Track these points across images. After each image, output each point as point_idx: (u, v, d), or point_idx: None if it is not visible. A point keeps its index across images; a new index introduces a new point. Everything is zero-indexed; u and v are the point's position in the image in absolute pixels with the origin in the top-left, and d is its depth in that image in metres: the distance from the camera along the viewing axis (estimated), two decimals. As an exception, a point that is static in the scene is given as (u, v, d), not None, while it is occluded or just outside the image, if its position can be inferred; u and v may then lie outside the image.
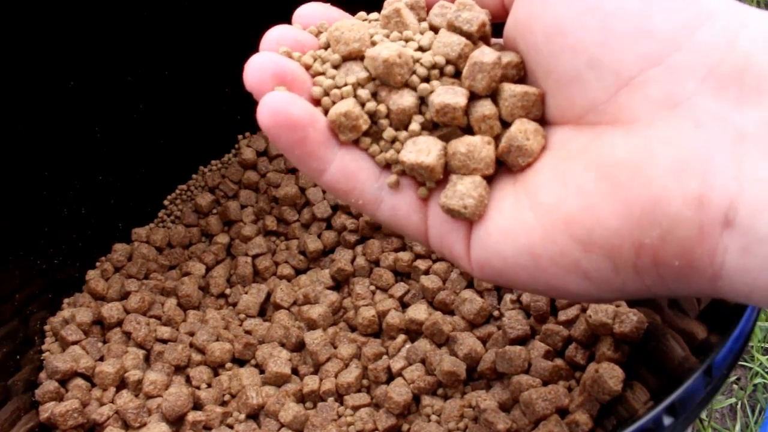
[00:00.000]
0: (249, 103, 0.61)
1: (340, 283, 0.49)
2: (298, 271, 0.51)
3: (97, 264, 0.51)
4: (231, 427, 0.41)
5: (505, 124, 0.24)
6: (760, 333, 0.60)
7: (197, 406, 0.42)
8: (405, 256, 0.48)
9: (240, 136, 0.58)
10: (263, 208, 0.54)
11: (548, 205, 0.21)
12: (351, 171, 0.25)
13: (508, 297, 0.43)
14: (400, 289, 0.46)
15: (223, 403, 0.43)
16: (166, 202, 0.56)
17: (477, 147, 0.23)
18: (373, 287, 0.48)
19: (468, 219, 0.23)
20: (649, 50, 0.19)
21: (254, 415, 0.42)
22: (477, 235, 0.23)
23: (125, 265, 0.51)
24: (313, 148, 0.24)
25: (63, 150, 0.50)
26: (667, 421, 0.21)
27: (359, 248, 0.50)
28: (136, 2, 0.50)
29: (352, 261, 0.50)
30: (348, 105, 0.24)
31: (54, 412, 0.40)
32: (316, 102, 0.25)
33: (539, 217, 0.21)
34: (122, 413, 0.41)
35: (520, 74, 0.24)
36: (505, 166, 0.24)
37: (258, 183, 0.56)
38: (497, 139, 0.24)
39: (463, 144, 0.23)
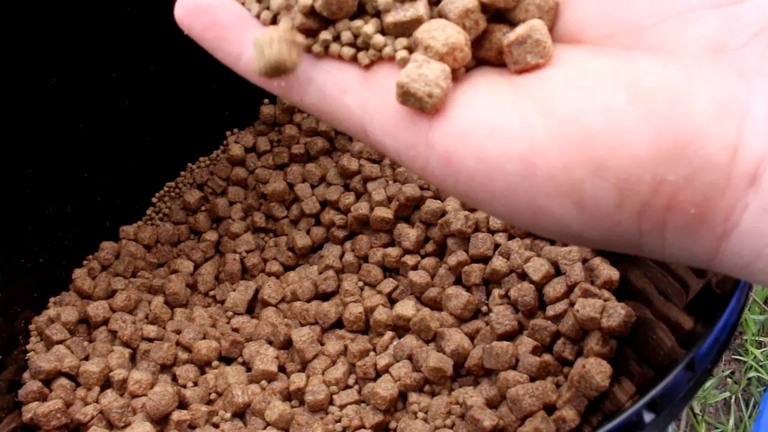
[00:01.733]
0: (237, 99, 0.61)
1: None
2: (287, 268, 0.51)
3: (84, 262, 0.51)
4: (216, 426, 0.41)
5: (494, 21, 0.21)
6: (755, 326, 0.60)
7: (183, 405, 0.42)
8: (393, 251, 0.47)
9: (228, 133, 0.58)
10: (252, 204, 0.54)
11: (564, 114, 0.18)
12: None
13: (496, 292, 0.42)
14: (388, 285, 0.46)
15: (209, 402, 0.42)
16: (154, 200, 0.56)
17: (453, 33, 0.20)
18: (361, 283, 0.47)
19: (423, 111, 0.20)
20: None
21: (240, 414, 0.41)
22: (452, 122, 0.20)
23: (113, 263, 0.51)
24: (225, 31, 0.22)
25: (47, 147, 0.49)
26: (648, 417, 0.21)
27: (348, 244, 0.50)
28: (120, -2, 0.49)
29: (341, 257, 0.49)
30: None
31: (37, 412, 0.39)
32: None
33: (549, 123, 0.18)
34: (106, 413, 0.40)
35: None
36: (490, 67, 0.21)
37: (246, 179, 0.55)
38: (479, 41, 0.21)
39: (439, 25, 0.20)
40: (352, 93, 0.21)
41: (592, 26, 0.20)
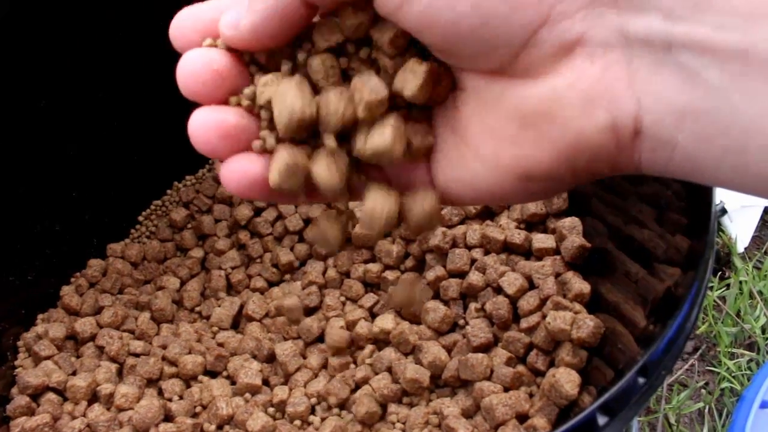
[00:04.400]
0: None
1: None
2: (271, 284, 0.52)
3: (72, 280, 0.52)
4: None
5: None
6: (727, 338, 0.62)
7: (168, 418, 0.43)
8: (374, 267, 0.49)
9: (214, 152, 0.59)
10: (237, 222, 0.55)
11: (489, 156, 0.23)
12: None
13: (472, 306, 0.44)
14: (369, 300, 0.47)
15: (195, 415, 0.43)
16: (140, 218, 0.57)
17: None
18: (343, 298, 0.49)
19: (390, 159, 0.23)
20: (530, 18, 0.21)
21: (224, 426, 0.42)
22: (437, 178, 0.24)
23: (100, 280, 0.52)
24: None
25: (36, 167, 0.51)
26: (602, 420, 0.22)
27: (330, 260, 0.51)
28: (109, 20, 0.51)
29: (324, 273, 0.51)
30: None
31: (25, 427, 0.40)
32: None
33: (485, 167, 0.23)
34: (93, 426, 0.41)
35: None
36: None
37: (232, 197, 0.56)
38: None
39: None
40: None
41: (478, 70, 0.23)
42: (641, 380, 0.23)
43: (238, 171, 0.24)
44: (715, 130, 0.19)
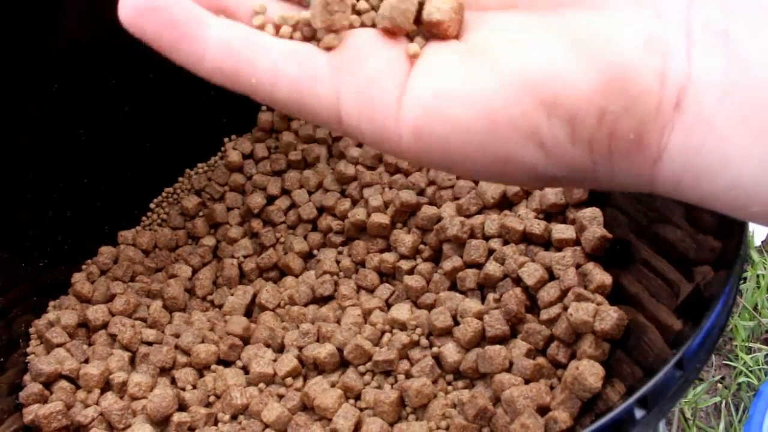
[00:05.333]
0: (235, 106, 0.62)
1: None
2: (284, 273, 0.52)
3: (83, 267, 0.52)
4: (216, 426, 0.41)
5: None
6: (744, 332, 0.61)
7: (182, 407, 0.42)
8: (390, 257, 0.48)
9: (226, 139, 0.58)
10: (249, 210, 0.55)
11: (513, 69, 0.21)
12: (235, 46, 0.22)
13: (491, 296, 0.43)
14: (385, 291, 0.47)
15: (208, 404, 0.43)
16: (152, 205, 0.56)
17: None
18: (356, 287, 0.48)
19: (445, 31, 0.22)
20: None
21: (239, 416, 0.42)
22: (417, 96, 0.21)
23: (111, 267, 0.51)
24: (184, 29, 0.21)
25: (48, 153, 0.50)
26: (639, 413, 0.21)
27: (344, 249, 0.51)
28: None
29: (338, 262, 0.50)
30: None
31: (38, 414, 0.40)
32: None
33: (502, 79, 0.21)
34: (107, 415, 0.41)
35: None
36: (439, 41, 0.23)
37: (244, 185, 0.56)
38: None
39: None
40: (323, 83, 0.22)
41: None
42: (678, 374, 0.23)
43: None
44: (750, 109, 0.19)
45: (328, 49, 0.22)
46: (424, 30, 0.23)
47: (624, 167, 0.21)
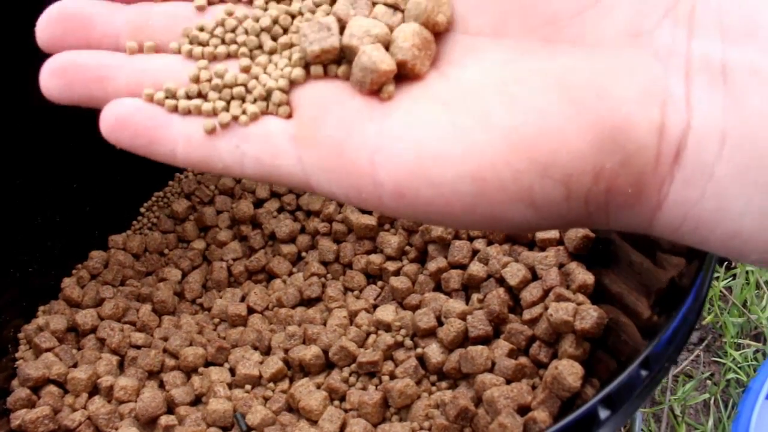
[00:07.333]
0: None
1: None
2: (272, 276, 0.52)
3: (73, 271, 0.52)
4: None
5: None
6: (733, 329, 0.61)
7: (170, 410, 0.42)
8: (376, 258, 0.48)
9: (215, 143, 0.59)
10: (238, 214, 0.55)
11: (505, 128, 0.19)
12: (196, 139, 0.23)
13: (475, 297, 0.43)
14: (372, 292, 0.47)
15: (195, 404, 0.43)
16: (142, 209, 0.57)
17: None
18: (344, 289, 0.48)
19: (412, 70, 0.21)
20: None
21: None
22: (397, 155, 0.20)
23: (101, 272, 0.52)
24: (152, 134, 0.23)
25: (37, 158, 0.50)
26: (604, 414, 0.21)
27: (332, 251, 0.51)
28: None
29: (325, 264, 0.50)
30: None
31: (25, 419, 0.40)
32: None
33: (491, 138, 0.19)
34: (94, 419, 0.41)
35: None
36: (410, 82, 0.22)
37: (233, 188, 0.56)
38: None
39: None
40: (286, 156, 0.22)
41: (515, 20, 0.21)
42: (644, 373, 0.23)
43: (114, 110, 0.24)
44: (750, 160, 0.18)
45: (283, 112, 0.22)
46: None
47: (621, 216, 0.20)
